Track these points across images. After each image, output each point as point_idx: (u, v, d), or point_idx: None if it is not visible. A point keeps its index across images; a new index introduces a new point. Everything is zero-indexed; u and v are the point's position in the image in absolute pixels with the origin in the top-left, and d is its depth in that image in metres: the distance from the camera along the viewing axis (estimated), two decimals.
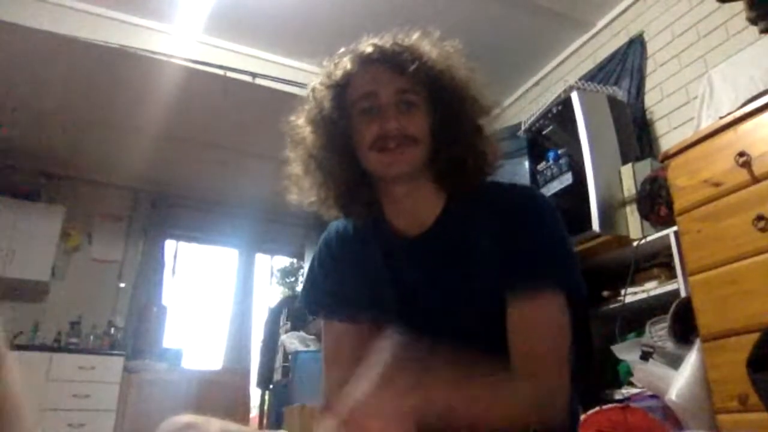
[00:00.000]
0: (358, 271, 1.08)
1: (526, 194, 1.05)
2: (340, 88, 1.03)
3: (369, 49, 1.02)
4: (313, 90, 1.08)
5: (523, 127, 3.04)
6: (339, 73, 1.04)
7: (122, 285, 5.17)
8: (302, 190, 1.10)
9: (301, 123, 1.09)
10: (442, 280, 1.00)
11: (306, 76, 3.74)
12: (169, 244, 5.59)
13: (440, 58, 1.03)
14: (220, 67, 3.63)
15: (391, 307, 1.03)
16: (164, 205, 5.47)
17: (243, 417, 4.51)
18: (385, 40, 1.04)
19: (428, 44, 1.04)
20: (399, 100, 0.99)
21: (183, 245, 5.75)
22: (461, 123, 1.03)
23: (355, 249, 1.10)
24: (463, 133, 1.02)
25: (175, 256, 5.65)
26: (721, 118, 1.89)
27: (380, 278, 1.05)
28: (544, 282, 0.93)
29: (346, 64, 1.04)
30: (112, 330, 4.84)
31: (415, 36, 1.05)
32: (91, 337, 4.72)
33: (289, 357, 4.09)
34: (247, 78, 3.70)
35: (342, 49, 1.08)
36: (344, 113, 1.02)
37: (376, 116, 0.99)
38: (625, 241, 2.36)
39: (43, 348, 4.36)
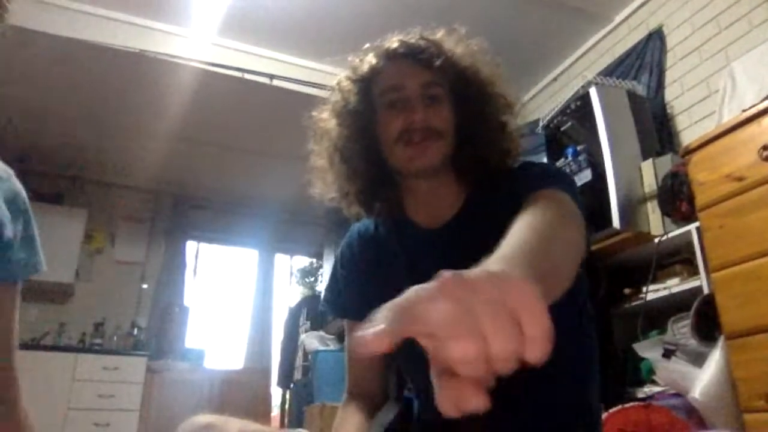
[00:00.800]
0: (380, 271, 1.08)
1: (540, 164, 1.07)
2: (366, 82, 1.04)
3: (395, 44, 1.04)
4: (339, 83, 1.09)
5: (541, 124, 3.01)
6: (365, 67, 1.05)
7: (145, 286, 5.24)
8: (326, 183, 1.10)
9: (325, 116, 1.09)
10: (463, 269, 0.97)
11: (323, 76, 3.77)
12: (191, 245, 5.65)
13: (465, 54, 1.04)
14: (238, 69, 3.66)
15: None
16: (185, 207, 5.54)
17: (264, 416, 4.56)
18: (411, 36, 1.05)
19: (453, 40, 1.05)
20: (424, 93, 0.99)
21: (204, 246, 5.82)
22: (485, 119, 1.03)
23: (377, 250, 1.11)
24: (486, 130, 1.03)
25: (196, 257, 5.72)
26: (743, 111, 1.86)
27: (401, 276, 1.03)
28: (551, 185, 0.91)
29: (372, 58, 1.05)
30: (135, 330, 4.91)
31: (441, 32, 1.06)
32: (115, 338, 4.80)
33: (309, 356, 4.11)
34: (265, 80, 3.72)
35: (367, 45, 1.09)
36: (370, 106, 1.03)
37: (401, 109, 0.99)
38: (646, 237, 2.33)
39: (68, 349, 4.43)
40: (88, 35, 3.34)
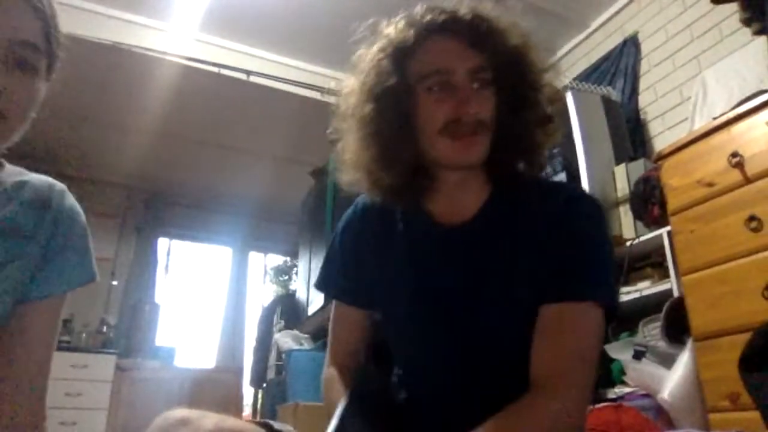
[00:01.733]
0: (382, 254, 1.01)
1: (581, 197, 0.96)
2: (404, 58, 0.91)
3: (441, 17, 0.90)
4: (371, 57, 0.95)
5: None
6: (402, 39, 0.91)
7: (115, 283, 5.14)
8: (355, 168, 0.97)
9: (354, 90, 0.96)
10: (474, 275, 0.92)
11: (300, 74, 3.74)
12: (162, 242, 5.56)
13: (516, 33, 0.93)
14: (215, 64, 3.62)
15: (407, 300, 0.97)
16: (157, 203, 5.44)
17: (236, 415, 4.50)
18: (457, 7, 0.91)
19: (505, 19, 0.93)
20: (475, 78, 0.88)
21: (176, 243, 5.73)
22: (531, 110, 0.93)
23: (380, 232, 1.03)
24: (531, 123, 0.93)
25: (168, 254, 5.63)
26: (714, 118, 1.91)
27: (403, 266, 0.98)
28: (588, 292, 0.85)
29: (412, 30, 0.91)
30: (105, 328, 4.81)
31: (489, 5, 0.93)
32: (84, 335, 4.69)
33: (283, 355, 4.08)
34: (242, 76, 3.68)
35: (401, 14, 0.95)
36: (410, 88, 0.90)
37: (449, 96, 0.87)
38: (618, 241, 2.37)
39: None
40: (62, 26, 3.26)
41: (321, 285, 1.13)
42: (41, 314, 0.88)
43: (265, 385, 4.60)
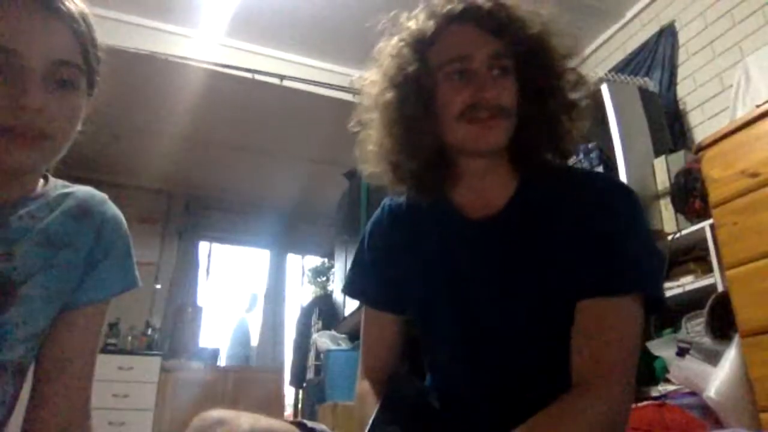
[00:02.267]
0: (410, 255, 1.00)
1: (614, 186, 0.94)
2: (424, 47, 0.92)
3: (460, 6, 0.91)
4: (392, 48, 0.96)
5: None
6: (423, 29, 0.93)
7: (158, 286, 5.28)
8: (377, 156, 0.98)
9: (377, 80, 0.97)
10: (507, 269, 0.91)
11: (332, 76, 3.77)
12: (203, 246, 5.69)
13: (535, 20, 0.93)
14: (248, 70, 3.67)
15: (439, 298, 0.96)
16: (197, 208, 5.57)
17: (278, 415, 4.57)
18: None
19: (525, 7, 0.94)
20: (494, 65, 0.89)
21: (216, 246, 5.86)
22: (554, 97, 0.93)
23: (409, 230, 1.01)
24: (554, 110, 0.93)
25: (209, 257, 5.76)
26: (757, 106, 1.84)
27: (433, 264, 0.97)
28: (628, 284, 0.83)
29: (431, 20, 0.93)
30: (150, 331, 4.95)
31: None
32: (129, 338, 4.83)
33: (321, 355, 4.12)
34: (275, 80, 3.73)
35: (421, 5, 0.96)
36: (429, 75, 0.91)
37: (467, 82, 0.88)
38: (660, 235, 2.31)
39: None
40: (100, 38, 3.36)
41: (349, 289, 1.12)
42: (86, 320, 0.90)
43: (305, 384, 4.65)
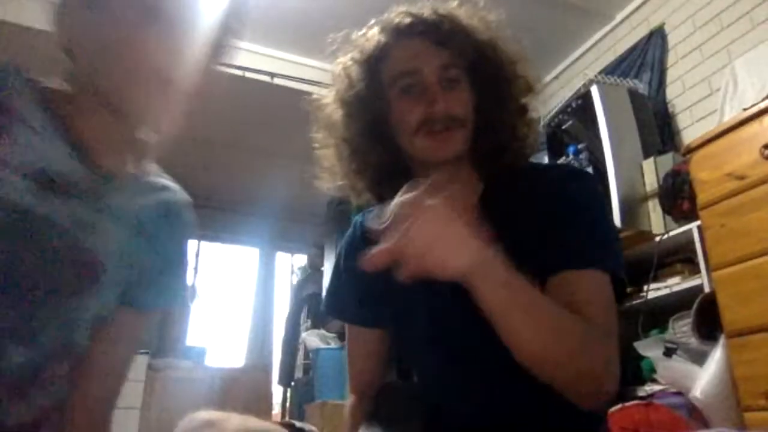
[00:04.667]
0: (383, 269, 1.03)
1: (569, 171, 0.99)
2: (374, 64, 0.94)
3: (406, 19, 0.93)
4: (344, 66, 0.98)
5: (542, 122, 3.01)
6: (372, 46, 0.94)
7: None
8: (333, 175, 1.01)
9: (329, 101, 0.99)
10: None
11: (324, 74, 3.76)
12: (191, 244, 5.64)
13: (483, 28, 0.95)
14: (239, 67, 3.66)
15: (418, 306, 0.96)
16: None
17: (265, 414, 4.55)
18: (422, 9, 0.94)
19: (469, 13, 0.96)
20: (442, 77, 0.90)
21: (204, 245, 5.82)
22: (506, 102, 0.95)
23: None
24: (507, 114, 0.95)
25: (197, 256, 5.72)
26: (745, 109, 1.86)
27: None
28: (591, 261, 0.84)
29: (380, 36, 0.94)
30: None
31: (454, 3, 0.96)
32: None
33: (310, 354, 4.12)
34: (266, 78, 3.72)
35: (372, 20, 0.98)
36: (380, 92, 0.93)
37: (418, 97, 0.90)
38: (648, 236, 2.33)
39: None
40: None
41: (328, 309, 1.12)
42: (135, 323, 0.87)
43: (293, 383, 4.64)
